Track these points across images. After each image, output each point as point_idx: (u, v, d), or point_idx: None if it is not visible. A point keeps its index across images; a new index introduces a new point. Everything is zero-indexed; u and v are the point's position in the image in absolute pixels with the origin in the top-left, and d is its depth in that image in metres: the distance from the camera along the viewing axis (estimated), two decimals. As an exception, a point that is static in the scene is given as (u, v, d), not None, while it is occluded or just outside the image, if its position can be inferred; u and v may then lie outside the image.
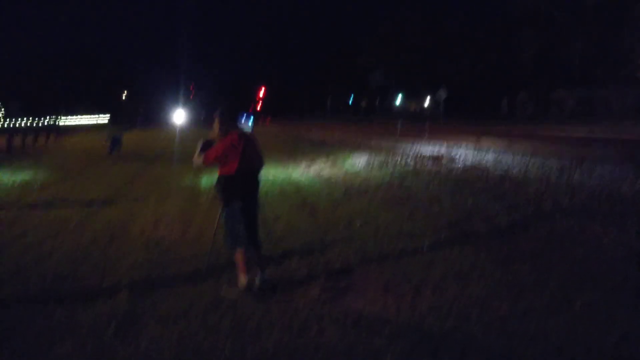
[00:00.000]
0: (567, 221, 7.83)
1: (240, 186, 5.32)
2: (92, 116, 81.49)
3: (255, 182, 5.50)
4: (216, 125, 5.43)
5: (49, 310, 4.91)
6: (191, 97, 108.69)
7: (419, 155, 17.94)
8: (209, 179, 13.99)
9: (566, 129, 29.96)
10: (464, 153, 18.33)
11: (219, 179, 5.43)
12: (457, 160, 16.59)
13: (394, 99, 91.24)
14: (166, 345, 4.18)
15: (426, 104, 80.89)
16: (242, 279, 5.32)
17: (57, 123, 50.75)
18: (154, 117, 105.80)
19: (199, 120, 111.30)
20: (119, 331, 4.46)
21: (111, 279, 5.85)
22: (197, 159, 5.49)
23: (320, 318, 4.63)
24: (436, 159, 17.07)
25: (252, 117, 46.72)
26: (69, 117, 69.12)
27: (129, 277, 5.88)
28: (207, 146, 5.47)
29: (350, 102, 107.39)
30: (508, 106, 64.91)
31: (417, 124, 42.73)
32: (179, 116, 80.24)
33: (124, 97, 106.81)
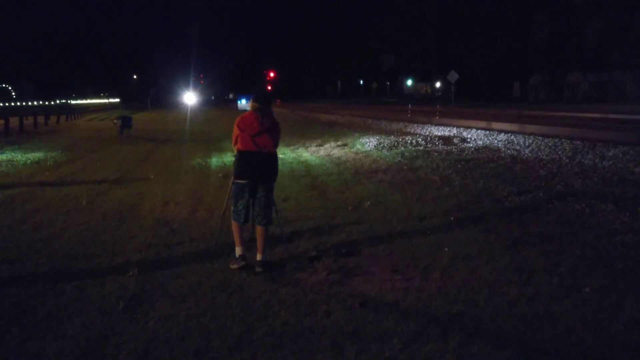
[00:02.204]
0: (579, 204, 7.76)
1: (241, 164, 5.52)
2: (102, 99, 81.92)
3: (262, 164, 5.52)
4: (251, 105, 5.65)
5: (59, 289, 4.95)
6: (201, 82, 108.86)
7: (429, 137, 17.84)
8: (218, 160, 14.02)
9: (579, 112, 29.62)
10: (474, 135, 18.19)
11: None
12: (467, 142, 16.49)
13: (405, 81, 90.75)
14: (174, 324, 4.20)
15: (437, 86, 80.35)
16: (237, 250, 5.54)
17: (68, 104, 50.87)
18: (165, 98, 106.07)
19: (210, 101, 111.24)
20: (127, 310, 4.48)
21: (120, 258, 5.89)
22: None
23: (328, 299, 4.63)
24: (446, 140, 16.96)
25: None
26: (80, 100, 69.51)
27: (138, 256, 5.91)
28: None
29: (361, 84, 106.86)
30: (521, 89, 64.28)
31: (428, 106, 42.50)
32: (190, 97, 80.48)
33: (134, 79, 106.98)
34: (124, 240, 6.54)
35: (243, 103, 53.48)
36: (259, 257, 5.44)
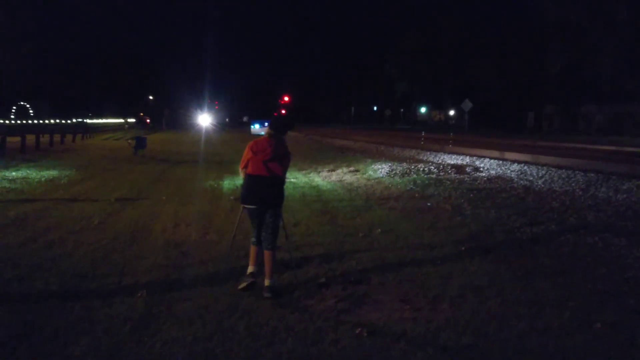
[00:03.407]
0: (591, 238, 7.69)
1: (249, 187, 5.63)
2: (118, 119, 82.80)
3: (269, 189, 5.57)
4: (266, 131, 5.80)
5: (67, 308, 4.97)
6: (216, 107, 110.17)
7: (441, 165, 17.82)
8: (230, 182, 14.07)
9: (593, 144, 29.49)
10: (487, 164, 18.14)
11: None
12: (480, 171, 16.44)
13: (419, 108, 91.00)
14: (180, 347, 4.19)
15: (451, 114, 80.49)
16: (248, 268, 5.62)
17: (84, 122, 51.54)
18: (179, 119, 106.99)
19: (224, 123, 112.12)
20: (134, 331, 4.48)
21: (130, 278, 5.90)
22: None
23: (336, 327, 4.60)
24: (459, 169, 16.93)
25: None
26: (96, 119, 70.48)
27: (147, 278, 5.93)
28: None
29: (374, 110, 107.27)
30: (535, 120, 64.18)
31: (441, 134, 42.52)
32: (204, 119, 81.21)
33: (150, 100, 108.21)
34: (133, 261, 6.56)
35: (256, 128, 53.76)
36: (266, 282, 5.43)
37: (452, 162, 19.57)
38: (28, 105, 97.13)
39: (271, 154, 5.50)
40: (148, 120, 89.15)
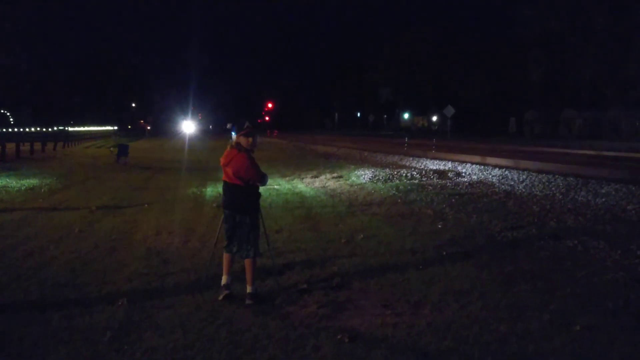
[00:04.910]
0: (571, 241, 7.77)
1: (223, 193, 5.77)
2: (102, 127, 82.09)
3: (231, 194, 5.61)
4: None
5: (47, 317, 4.91)
6: (199, 117, 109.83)
7: (424, 171, 17.91)
8: (213, 190, 14.02)
9: (573, 149, 29.83)
10: (469, 169, 18.27)
11: None
12: (462, 177, 16.55)
13: (402, 114, 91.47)
14: (161, 356, 4.17)
15: (434, 120, 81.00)
16: (222, 278, 5.58)
17: (65, 130, 51.07)
18: (163, 126, 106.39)
19: (208, 130, 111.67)
20: (114, 340, 4.45)
21: (110, 287, 5.86)
22: None
23: (317, 333, 4.60)
24: (441, 174, 17.03)
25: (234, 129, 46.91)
26: (78, 127, 69.79)
27: (128, 286, 5.89)
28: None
29: (358, 116, 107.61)
30: (516, 125, 64.83)
31: (424, 139, 42.76)
32: (188, 126, 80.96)
33: (132, 107, 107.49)
34: (114, 270, 6.51)
35: None
36: (248, 289, 5.43)
37: (435, 168, 19.68)
38: (8, 113, 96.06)
39: (226, 160, 5.59)
40: (148, 128, 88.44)
